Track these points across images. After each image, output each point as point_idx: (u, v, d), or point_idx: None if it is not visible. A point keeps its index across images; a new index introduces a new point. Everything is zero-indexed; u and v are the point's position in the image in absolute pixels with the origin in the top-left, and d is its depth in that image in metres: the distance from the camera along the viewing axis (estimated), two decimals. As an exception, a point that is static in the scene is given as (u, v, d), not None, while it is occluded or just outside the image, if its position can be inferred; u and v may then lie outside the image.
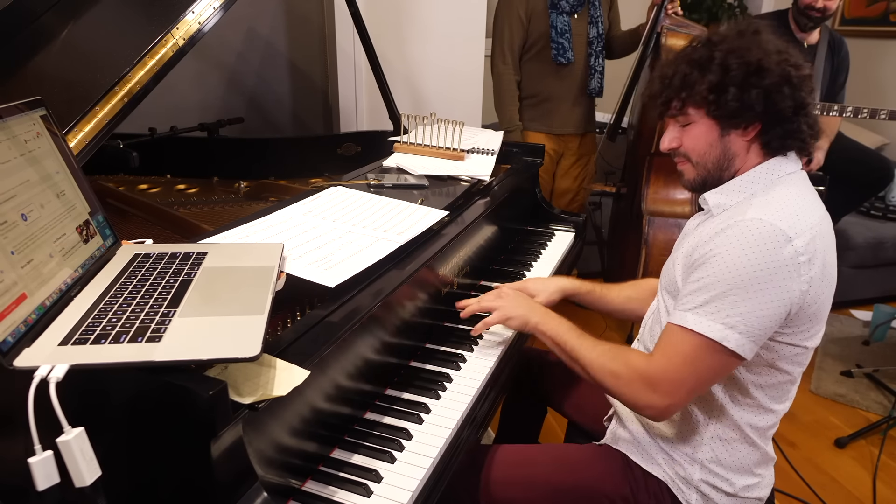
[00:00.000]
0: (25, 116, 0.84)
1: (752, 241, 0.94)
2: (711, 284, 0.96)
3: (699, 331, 0.96)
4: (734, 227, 0.97)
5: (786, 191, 1.02)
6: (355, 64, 2.42)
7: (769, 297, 0.94)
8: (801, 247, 0.94)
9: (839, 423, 2.32)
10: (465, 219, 1.41)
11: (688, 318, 0.98)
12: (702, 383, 1.01)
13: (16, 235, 0.74)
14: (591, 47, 2.60)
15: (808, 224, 0.97)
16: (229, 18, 1.40)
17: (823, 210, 1.03)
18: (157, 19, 1.31)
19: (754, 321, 0.95)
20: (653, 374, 1.00)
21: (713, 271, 0.97)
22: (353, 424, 1.00)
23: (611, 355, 1.06)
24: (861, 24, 3.81)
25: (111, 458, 0.67)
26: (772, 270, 0.93)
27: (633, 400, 1.03)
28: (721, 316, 0.95)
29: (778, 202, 0.99)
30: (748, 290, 0.94)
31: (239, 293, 0.84)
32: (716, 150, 1.06)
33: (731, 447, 1.08)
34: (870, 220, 3.25)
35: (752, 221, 0.96)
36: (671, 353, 1.00)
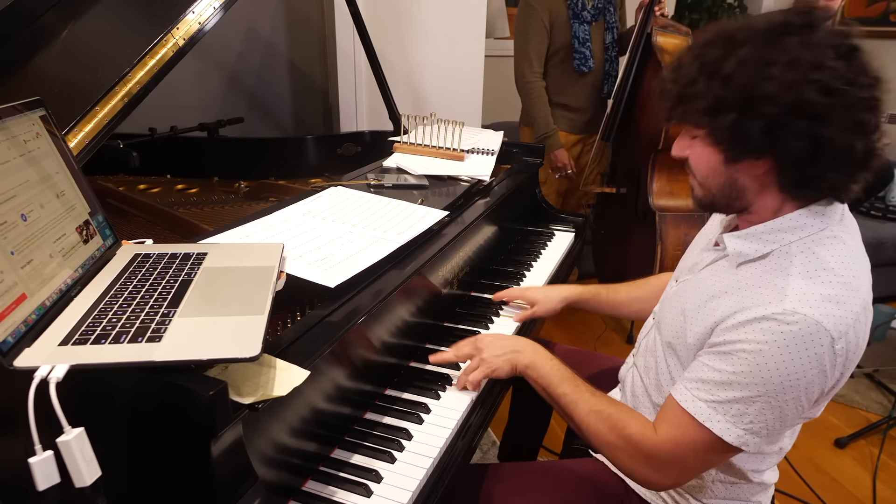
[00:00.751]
0: (25, 117, 0.84)
1: (790, 347, 0.80)
2: (736, 385, 0.84)
3: (716, 432, 0.86)
4: (770, 322, 0.81)
5: (831, 258, 0.84)
6: (355, 64, 2.42)
7: (798, 402, 0.84)
8: (841, 348, 0.82)
9: (839, 423, 2.32)
10: (465, 219, 1.41)
11: (703, 411, 0.87)
12: (708, 468, 0.98)
13: (16, 236, 0.74)
14: (606, 53, 2.64)
15: (853, 314, 0.83)
16: (229, 18, 1.40)
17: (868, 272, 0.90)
18: (158, 19, 1.31)
19: (777, 425, 0.86)
20: (659, 457, 0.92)
21: (739, 370, 0.84)
22: (353, 424, 1.00)
23: (609, 423, 0.96)
24: (861, 24, 3.80)
25: (111, 458, 0.67)
26: (809, 377, 0.82)
27: (633, 473, 0.96)
28: (744, 421, 0.85)
29: (823, 283, 0.82)
30: (778, 399, 0.83)
31: (239, 293, 0.84)
32: (720, 177, 0.89)
33: (732, 487, 1.05)
34: (870, 220, 3.25)
35: (794, 319, 0.80)
36: (680, 439, 0.90)
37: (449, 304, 1.35)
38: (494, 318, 1.36)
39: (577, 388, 1.03)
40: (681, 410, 0.90)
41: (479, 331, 1.29)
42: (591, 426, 0.98)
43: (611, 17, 2.60)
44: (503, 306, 1.41)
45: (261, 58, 2.66)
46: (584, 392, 1.02)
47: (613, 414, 0.98)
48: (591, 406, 1.00)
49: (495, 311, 1.39)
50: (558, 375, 1.05)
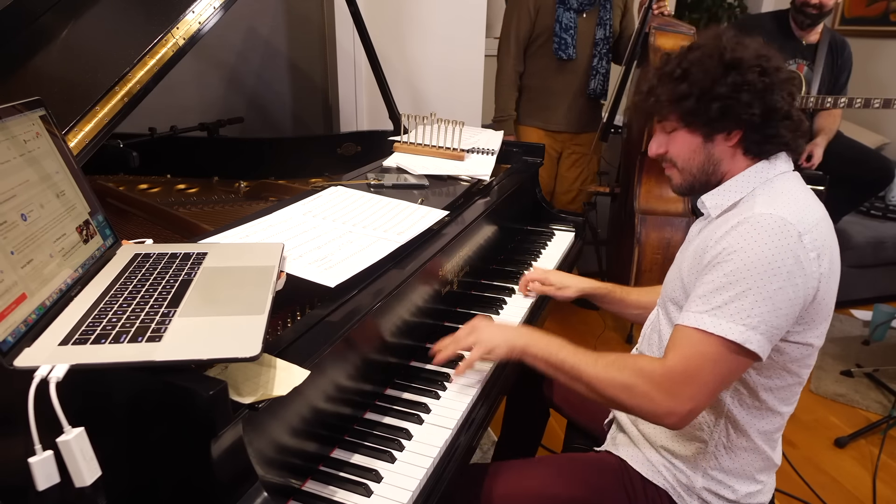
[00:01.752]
0: (24, 117, 0.84)
1: (765, 237, 0.93)
2: (728, 284, 0.94)
3: (721, 334, 0.93)
4: (745, 224, 0.96)
5: (786, 187, 1.02)
6: (355, 64, 2.42)
7: (787, 294, 0.93)
8: (809, 242, 0.94)
9: (839, 422, 2.32)
10: (465, 219, 1.41)
11: (705, 321, 0.95)
12: (722, 385, 0.99)
13: (15, 235, 0.74)
14: (595, 48, 2.62)
15: (814, 219, 0.97)
16: (229, 18, 1.40)
17: (823, 209, 1.03)
18: (158, 19, 1.31)
19: (773, 320, 0.93)
20: (672, 381, 0.95)
21: (729, 269, 0.95)
22: (353, 424, 1.00)
23: (618, 366, 0.99)
24: (861, 23, 3.81)
25: (111, 458, 0.67)
26: (788, 266, 0.92)
27: (652, 409, 0.96)
28: (742, 317, 0.93)
29: (782, 198, 0.99)
30: (765, 288, 0.92)
31: (239, 293, 0.84)
32: (699, 155, 1.06)
33: (735, 454, 1.07)
34: (870, 220, 3.25)
35: (763, 216, 0.95)
36: (689, 354, 0.95)
37: (449, 304, 1.35)
38: (494, 316, 1.36)
39: (577, 351, 1.05)
40: (685, 330, 0.97)
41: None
42: (602, 375, 1.00)
43: (605, 13, 2.59)
44: (505, 306, 1.41)
45: (261, 58, 2.66)
46: (585, 353, 1.05)
47: (619, 358, 1.02)
48: (595, 359, 1.02)
49: (495, 310, 1.39)
50: (556, 345, 1.07)
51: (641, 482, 1.12)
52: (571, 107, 2.70)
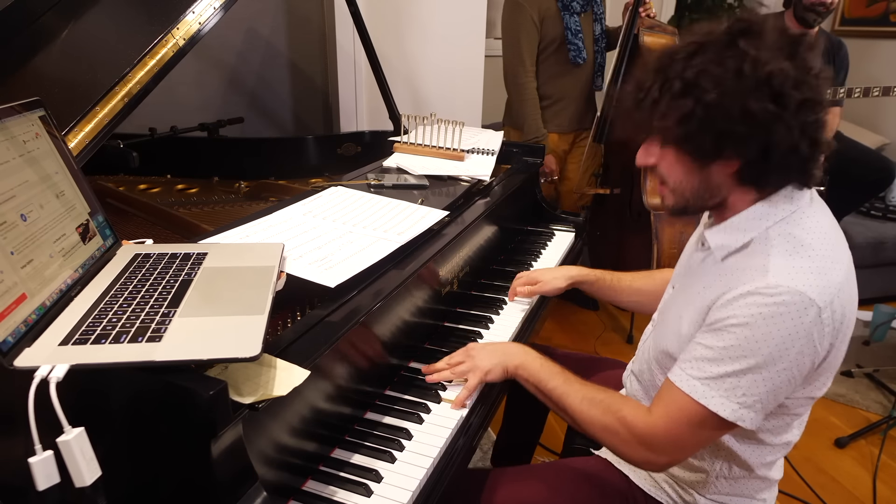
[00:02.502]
0: (24, 117, 0.84)
1: (777, 316, 0.83)
2: (728, 359, 0.87)
3: (711, 408, 0.88)
4: (756, 296, 0.85)
5: (807, 236, 0.88)
6: (355, 64, 2.42)
7: (790, 374, 0.87)
8: (828, 318, 0.85)
9: (839, 423, 2.32)
10: (465, 219, 1.41)
11: (697, 389, 0.89)
12: (704, 446, 0.98)
13: (15, 236, 0.74)
14: (597, 44, 2.64)
15: (837, 284, 0.86)
16: (229, 18, 1.40)
17: (846, 248, 0.92)
18: (158, 19, 1.31)
19: (771, 399, 0.88)
20: (654, 436, 0.93)
21: (731, 343, 0.87)
22: (354, 424, 1.00)
23: (603, 407, 0.98)
24: (861, 24, 3.81)
25: (111, 458, 0.67)
26: (798, 347, 0.84)
27: (629, 457, 0.97)
28: (737, 395, 0.87)
29: (801, 260, 0.86)
30: (769, 370, 0.86)
31: (239, 293, 0.84)
32: (694, 179, 0.92)
33: (736, 482, 1.05)
34: (870, 220, 3.25)
35: (779, 291, 0.84)
36: (675, 417, 0.92)
37: (449, 304, 1.35)
38: (494, 317, 1.36)
39: (568, 380, 1.04)
40: (675, 390, 0.92)
41: (480, 331, 1.29)
42: (585, 413, 1.00)
43: (598, 7, 2.60)
44: (505, 306, 1.41)
45: (261, 58, 2.66)
46: (574, 383, 1.03)
47: (606, 399, 1.00)
48: (583, 395, 1.01)
49: (495, 310, 1.39)
50: (548, 371, 1.07)
51: (644, 498, 1.12)
52: (580, 105, 2.72)
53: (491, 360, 1.10)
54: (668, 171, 0.94)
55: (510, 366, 1.09)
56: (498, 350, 1.13)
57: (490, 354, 1.11)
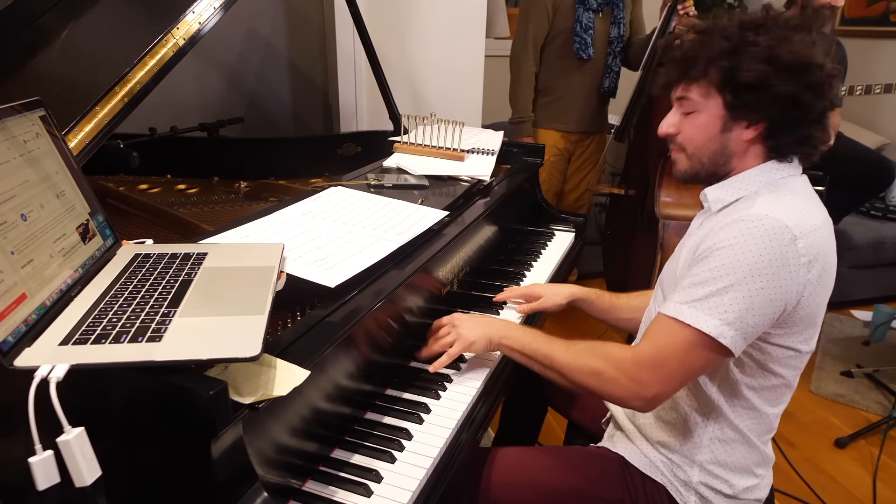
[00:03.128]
0: (24, 117, 0.84)
1: (756, 237, 0.93)
2: (712, 279, 0.95)
3: (695, 325, 0.94)
4: (739, 223, 0.95)
5: (790, 190, 1.00)
6: (355, 64, 2.41)
7: (767, 294, 0.93)
8: (803, 247, 0.93)
9: (839, 423, 2.32)
10: (465, 219, 1.41)
11: (683, 311, 0.96)
12: (690, 376, 1.00)
13: (15, 236, 0.74)
14: (610, 46, 2.64)
15: (813, 225, 0.95)
16: (229, 18, 1.39)
17: (826, 215, 1.01)
18: (158, 19, 1.31)
19: (750, 319, 0.94)
20: (640, 364, 0.97)
21: (715, 265, 0.95)
22: (354, 424, 1.00)
23: (588, 352, 1.03)
24: (861, 24, 3.81)
25: (111, 457, 0.67)
26: (774, 268, 0.92)
27: (620, 393, 0.99)
28: (719, 311, 0.93)
29: (784, 201, 0.97)
30: (748, 286, 0.92)
31: (239, 293, 0.84)
32: (714, 144, 1.03)
33: (730, 447, 1.07)
34: (870, 220, 3.25)
35: (759, 217, 0.94)
36: (661, 342, 0.97)
37: (449, 304, 1.35)
38: (495, 317, 1.35)
39: (551, 340, 1.08)
40: (662, 319, 0.98)
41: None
42: (571, 361, 1.03)
43: (619, 12, 2.61)
44: (504, 306, 1.41)
45: (261, 58, 2.66)
46: (557, 341, 1.07)
47: (591, 344, 1.04)
48: (566, 347, 1.05)
49: (495, 310, 1.39)
50: (530, 336, 1.11)
51: (640, 477, 1.13)
52: (586, 107, 2.72)
53: (476, 331, 1.13)
54: (690, 137, 1.05)
55: (494, 337, 1.13)
56: (483, 321, 1.16)
57: (475, 325, 1.14)
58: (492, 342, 1.13)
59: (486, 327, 1.14)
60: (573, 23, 2.55)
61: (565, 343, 1.06)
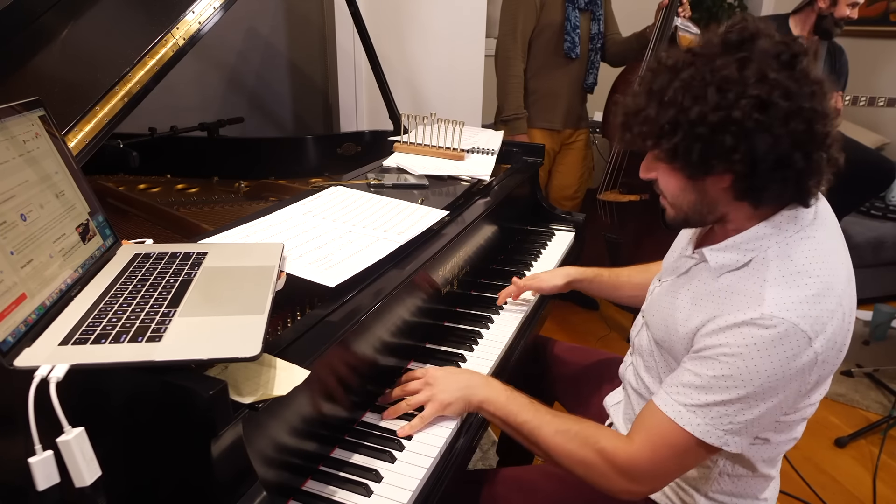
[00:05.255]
0: (23, 117, 0.84)
1: (769, 349, 0.82)
2: (717, 388, 0.86)
3: (696, 435, 0.87)
4: (750, 327, 0.84)
5: (806, 260, 0.86)
6: (355, 64, 2.42)
7: (778, 400, 0.86)
8: (820, 346, 0.83)
9: (839, 422, 2.32)
10: (465, 219, 1.41)
11: (683, 415, 0.88)
12: (686, 471, 0.97)
13: (15, 236, 0.74)
14: (592, 43, 2.65)
15: (831, 309, 0.84)
16: (229, 18, 1.40)
17: (848, 265, 0.91)
18: (158, 19, 1.31)
19: (757, 426, 0.88)
20: (635, 467, 0.91)
21: (720, 373, 0.85)
22: (354, 424, 1.00)
23: (578, 441, 0.94)
24: (861, 24, 3.80)
25: (111, 458, 0.67)
26: (788, 378, 0.84)
27: (608, 488, 0.93)
28: (723, 423, 0.86)
29: (799, 284, 0.84)
30: (757, 400, 0.85)
31: (239, 293, 0.84)
32: (689, 194, 0.91)
33: (739, 480, 1.03)
34: (870, 220, 3.25)
35: (772, 322, 0.82)
36: (658, 444, 0.90)
37: (449, 304, 1.35)
38: (494, 317, 1.36)
39: (538, 412, 0.99)
40: (659, 415, 0.90)
41: (479, 330, 1.29)
42: (560, 447, 0.96)
43: (597, 8, 2.62)
44: (505, 306, 1.41)
45: (261, 58, 2.66)
46: (545, 415, 0.99)
47: (581, 431, 0.96)
48: (555, 427, 0.97)
49: (495, 310, 1.39)
50: (516, 404, 1.01)
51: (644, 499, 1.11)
52: (571, 103, 2.71)
53: (452, 393, 1.02)
54: (665, 185, 0.93)
55: (473, 401, 1.02)
56: (461, 381, 1.05)
57: (451, 386, 1.03)
58: (470, 405, 1.03)
59: (465, 388, 1.03)
60: (559, 18, 2.54)
61: (553, 418, 0.98)
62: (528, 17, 2.55)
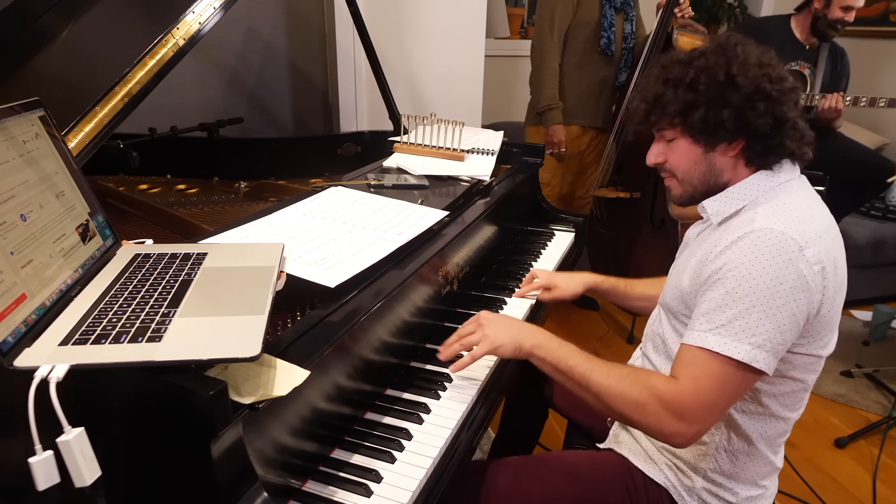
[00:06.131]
0: (23, 117, 0.84)
1: (765, 253, 0.92)
2: (731, 302, 0.93)
3: (727, 354, 0.92)
4: (745, 240, 0.94)
5: (790, 198, 0.99)
6: (355, 64, 2.42)
7: (789, 310, 0.92)
8: (812, 256, 0.92)
9: (839, 423, 2.32)
10: (465, 219, 1.41)
11: (710, 340, 0.94)
12: (731, 403, 0.99)
13: (15, 236, 0.74)
14: (625, 42, 2.67)
15: (818, 231, 0.95)
16: (229, 18, 1.40)
17: (829, 215, 1.01)
18: (158, 19, 1.31)
19: (777, 337, 0.92)
20: (683, 402, 0.94)
21: (730, 287, 0.93)
22: (353, 424, 1.00)
23: (630, 381, 0.98)
24: (861, 24, 3.80)
25: (111, 458, 0.67)
26: (791, 282, 0.91)
27: (660, 429, 0.96)
28: (747, 335, 0.92)
29: (784, 210, 0.97)
30: (769, 305, 0.91)
31: (239, 293, 0.84)
32: (700, 166, 1.04)
33: (736, 459, 1.06)
34: (870, 220, 3.25)
35: (763, 232, 0.93)
36: (698, 375, 0.94)
37: (449, 304, 1.35)
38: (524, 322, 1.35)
39: (589, 358, 1.03)
40: (691, 349, 0.96)
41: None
42: (613, 387, 0.98)
43: (629, 8, 2.65)
44: (505, 306, 1.41)
45: (261, 58, 2.66)
46: (595, 360, 1.02)
47: (633, 372, 1.00)
48: (608, 370, 1.00)
49: (495, 310, 1.39)
50: (567, 350, 1.04)
51: (643, 480, 1.12)
52: (605, 102, 2.73)
53: (504, 335, 1.06)
54: (676, 163, 1.06)
55: (525, 344, 1.05)
56: (513, 326, 1.10)
57: (504, 328, 1.08)
58: (522, 349, 1.06)
59: (517, 332, 1.07)
60: (596, 16, 2.56)
61: (606, 365, 1.01)
62: (564, 12, 2.56)
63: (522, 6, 3.90)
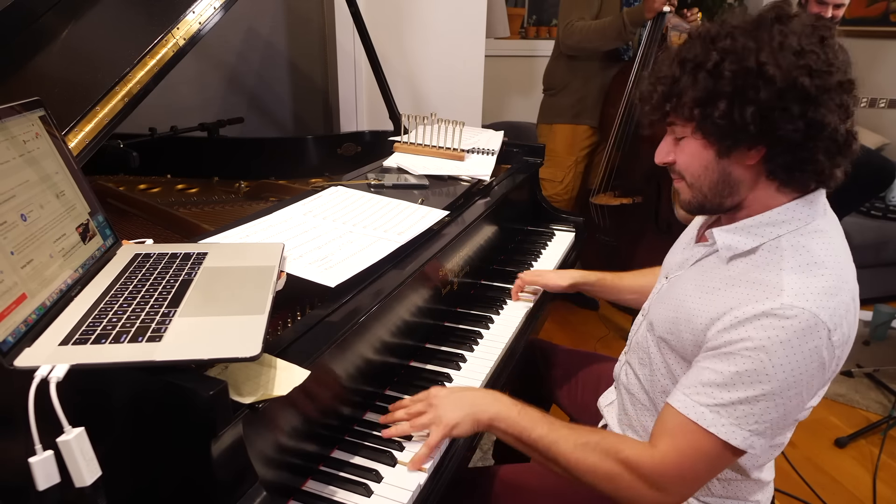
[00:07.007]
0: (24, 117, 0.84)
1: (792, 340, 0.80)
2: (740, 384, 0.82)
3: (723, 437, 0.84)
4: (771, 319, 0.81)
5: (820, 250, 0.85)
6: (355, 64, 2.42)
7: (800, 399, 0.84)
8: (838, 339, 0.82)
9: (839, 423, 2.32)
10: (465, 219, 1.41)
11: (706, 416, 0.84)
12: (713, 476, 0.94)
13: (15, 236, 0.74)
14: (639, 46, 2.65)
15: (846, 303, 0.83)
16: (229, 18, 1.40)
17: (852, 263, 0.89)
18: (158, 19, 1.31)
19: (780, 423, 0.85)
20: (663, 473, 0.86)
21: (743, 368, 0.82)
22: (354, 425, 1.00)
23: (600, 451, 0.89)
24: (861, 24, 3.80)
25: (111, 458, 0.67)
26: (811, 373, 0.82)
27: (635, 499, 0.88)
28: (749, 422, 0.83)
29: (816, 274, 0.83)
30: (783, 396, 0.82)
31: (239, 293, 0.84)
32: (712, 173, 0.88)
33: (730, 485, 1.02)
34: (870, 220, 3.24)
35: (794, 313, 0.80)
36: (684, 449, 0.86)
37: (449, 304, 1.35)
38: (495, 317, 1.36)
39: (553, 426, 0.93)
40: (682, 419, 0.87)
41: (480, 330, 1.29)
42: (581, 461, 0.90)
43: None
44: (505, 306, 1.41)
45: (261, 58, 2.66)
46: (561, 429, 0.93)
47: (601, 441, 0.91)
48: (574, 441, 0.91)
49: (495, 310, 1.39)
50: (529, 419, 0.94)
51: None
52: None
53: (458, 412, 0.95)
54: (687, 164, 0.91)
55: (483, 418, 0.95)
56: (466, 399, 0.98)
57: (457, 404, 0.96)
58: (480, 423, 0.95)
59: (471, 406, 0.96)
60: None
61: (570, 432, 0.92)
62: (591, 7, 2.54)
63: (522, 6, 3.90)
